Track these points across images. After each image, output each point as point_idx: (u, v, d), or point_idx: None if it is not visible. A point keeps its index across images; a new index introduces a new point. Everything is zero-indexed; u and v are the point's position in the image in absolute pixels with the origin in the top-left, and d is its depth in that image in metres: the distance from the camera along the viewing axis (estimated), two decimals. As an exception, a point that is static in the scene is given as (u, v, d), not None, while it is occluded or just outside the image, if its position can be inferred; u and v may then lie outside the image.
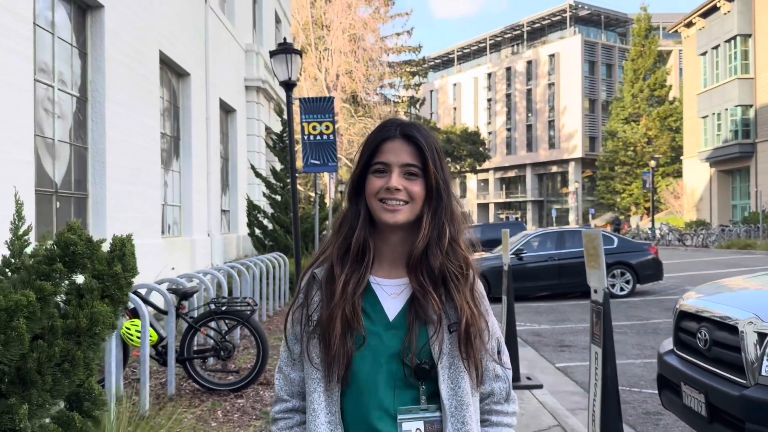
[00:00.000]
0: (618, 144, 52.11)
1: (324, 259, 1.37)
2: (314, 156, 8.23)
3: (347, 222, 1.35)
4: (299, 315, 1.34)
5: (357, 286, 1.30)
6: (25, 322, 1.48)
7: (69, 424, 1.69)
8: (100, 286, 1.81)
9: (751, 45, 34.96)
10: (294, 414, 1.36)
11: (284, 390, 1.37)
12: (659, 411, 5.19)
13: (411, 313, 1.29)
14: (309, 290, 1.35)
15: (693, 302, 3.66)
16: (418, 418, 1.27)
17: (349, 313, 1.27)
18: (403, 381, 1.27)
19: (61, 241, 1.68)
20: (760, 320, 2.94)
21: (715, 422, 3.14)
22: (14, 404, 1.52)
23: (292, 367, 1.36)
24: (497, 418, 1.38)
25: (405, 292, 1.33)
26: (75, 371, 1.73)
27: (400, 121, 1.35)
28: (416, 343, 1.27)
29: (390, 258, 1.35)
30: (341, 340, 1.25)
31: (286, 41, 8.24)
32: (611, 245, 12.64)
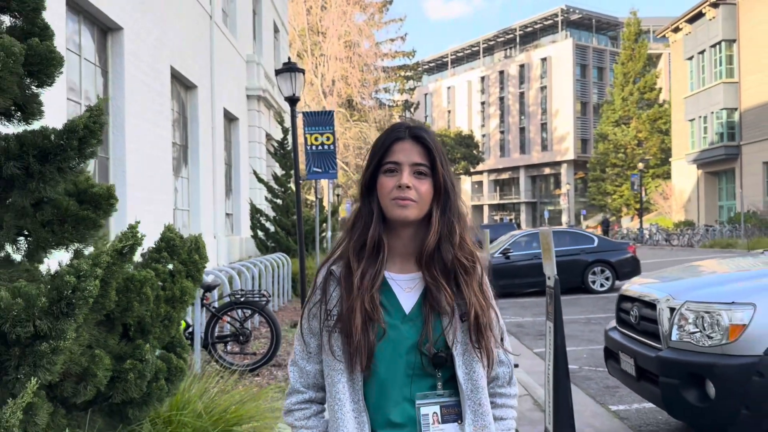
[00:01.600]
0: (609, 146, 53.09)
1: (339, 257, 1.44)
2: (316, 164, 9.07)
3: (361, 220, 1.42)
4: (317, 311, 1.40)
5: (374, 280, 1.37)
6: (149, 289, 2.30)
7: (169, 361, 2.50)
8: (185, 269, 2.64)
9: (735, 50, 35.98)
10: (311, 404, 1.44)
11: (300, 382, 1.44)
12: (618, 385, 6.02)
13: (426, 305, 1.37)
14: (326, 286, 1.41)
15: (629, 287, 4.52)
16: (435, 403, 1.36)
17: (369, 305, 1.33)
18: (421, 370, 1.36)
19: (165, 237, 2.50)
20: (673, 298, 3.79)
21: (642, 380, 3.99)
22: (140, 343, 2.34)
23: (307, 360, 1.43)
24: (501, 400, 1.47)
25: (418, 285, 1.40)
26: (171, 326, 2.56)
27: (408, 124, 1.44)
28: (432, 333, 1.34)
29: (402, 254, 1.42)
30: (363, 331, 1.32)
31: (290, 60, 9.06)
32: (592, 244, 13.51)
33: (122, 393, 2.30)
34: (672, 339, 3.69)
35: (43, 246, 2.02)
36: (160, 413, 2.90)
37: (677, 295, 3.80)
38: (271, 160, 18.64)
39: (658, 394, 3.73)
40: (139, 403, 2.40)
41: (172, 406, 3.01)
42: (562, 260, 13.20)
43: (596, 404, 5.58)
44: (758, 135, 33.82)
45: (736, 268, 4.76)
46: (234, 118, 16.72)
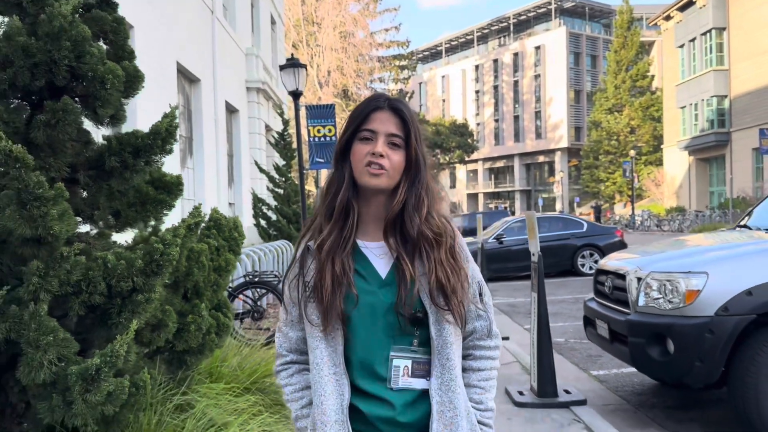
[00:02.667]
0: (602, 134, 53.68)
1: (314, 229, 1.47)
2: (319, 155, 9.59)
3: (333, 185, 1.46)
4: (296, 283, 1.46)
5: (344, 243, 1.41)
6: (205, 259, 2.84)
7: (218, 319, 3.05)
8: (227, 244, 3.18)
9: (725, 38, 36.47)
10: (292, 365, 1.53)
11: (283, 347, 1.53)
12: (599, 354, 6.62)
13: (399, 270, 1.42)
14: (303, 261, 1.45)
15: (606, 262, 5.10)
16: (408, 357, 1.42)
17: (339, 269, 1.39)
18: (400, 330, 1.41)
19: (213, 218, 3.04)
20: (640, 270, 4.36)
21: (614, 342, 4.57)
22: (197, 303, 2.89)
23: (290, 327, 1.51)
24: (479, 352, 1.51)
25: (390, 251, 1.44)
26: (219, 291, 3.11)
27: (388, 96, 1.47)
28: (407, 295, 1.39)
29: (372, 222, 1.47)
30: (332, 294, 1.37)
31: (293, 57, 9.58)
32: (581, 229, 14.10)
33: (184, 342, 2.85)
34: (639, 305, 4.26)
35: (129, 222, 2.55)
36: (202, 366, 3.47)
37: (644, 267, 4.37)
38: (271, 150, 19.13)
39: (627, 352, 4.30)
40: (196, 352, 2.95)
41: (213, 360, 3.57)
42: (553, 244, 13.81)
43: (579, 370, 6.17)
44: (748, 122, 34.40)
45: (720, 240, 5.23)
46: (235, 110, 17.19)
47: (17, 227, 1.99)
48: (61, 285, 2.14)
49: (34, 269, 2.08)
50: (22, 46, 1.93)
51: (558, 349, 7.17)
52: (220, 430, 2.96)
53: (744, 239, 4.80)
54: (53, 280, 2.10)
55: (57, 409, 2.19)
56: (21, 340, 2.11)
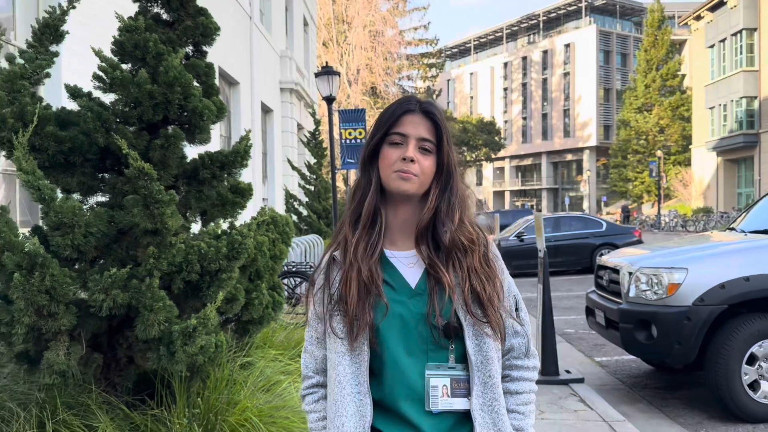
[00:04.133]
0: (630, 133, 53.56)
1: (341, 240, 1.41)
2: (350, 156, 10.35)
3: (360, 190, 1.40)
4: (321, 295, 1.39)
5: (371, 250, 1.35)
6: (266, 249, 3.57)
7: (273, 297, 3.80)
8: (280, 237, 3.92)
9: (756, 39, 36.29)
10: (318, 388, 1.44)
11: (309, 368, 1.45)
12: (605, 344, 7.24)
13: (430, 279, 1.34)
14: (329, 272, 1.39)
15: (605, 258, 5.74)
16: (445, 375, 1.32)
17: (366, 277, 1.31)
18: (434, 343, 1.32)
19: (271, 215, 3.78)
20: (631, 265, 5.00)
21: (609, 328, 5.22)
22: (259, 283, 3.63)
23: (316, 346, 1.42)
24: (518, 373, 1.41)
25: (420, 261, 1.37)
26: (274, 275, 3.85)
27: (419, 98, 1.41)
28: (440, 305, 1.31)
29: (401, 231, 1.40)
30: (359, 304, 1.30)
31: (327, 64, 10.32)
32: (600, 229, 14.63)
33: (248, 314, 3.60)
34: (630, 296, 4.91)
35: (212, 219, 3.29)
36: (259, 336, 4.22)
37: (635, 263, 5.01)
38: (302, 148, 19.96)
39: (618, 336, 4.96)
40: (257, 322, 3.71)
41: (266, 332, 4.32)
42: (572, 243, 14.39)
43: (584, 356, 6.82)
44: (777, 123, 34.32)
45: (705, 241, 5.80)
46: (269, 110, 18.04)
47: (141, 222, 2.74)
48: (169, 265, 2.89)
49: (150, 253, 2.84)
50: (149, 92, 2.67)
51: (568, 338, 7.83)
52: (274, 386, 3.71)
53: (724, 240, 5.41)
54: (163, 262, 2.86)
55: (163, 357, 2.94)
56: (139, 305, 2.87)
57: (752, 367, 4.56)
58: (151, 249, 2.84)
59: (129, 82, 2.66)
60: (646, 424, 4.60)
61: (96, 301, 2.80)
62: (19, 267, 2.63)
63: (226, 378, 3.44)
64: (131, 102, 2.72)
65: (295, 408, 3.43)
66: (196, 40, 3.06)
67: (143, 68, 2.72)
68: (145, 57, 2.76)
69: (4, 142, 2.74)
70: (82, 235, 2.70)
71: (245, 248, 3.00)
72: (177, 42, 2.96)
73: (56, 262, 2.69)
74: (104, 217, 2.80)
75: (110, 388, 3.47)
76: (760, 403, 4.55)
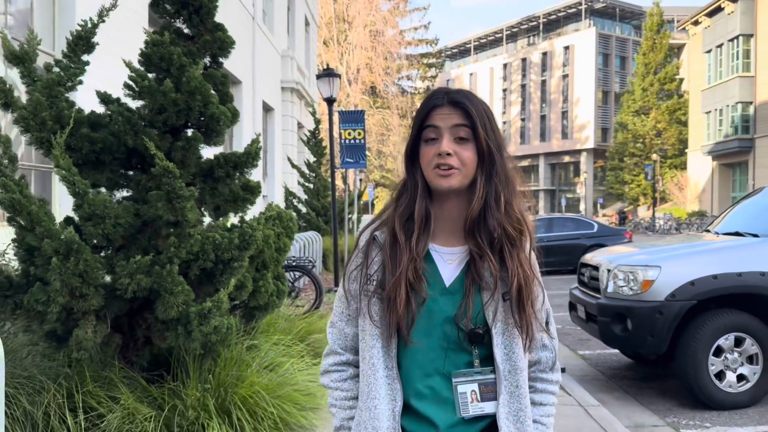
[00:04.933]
0: (628, 136, 53.94)
1: (383, 222, 1.40)
2: (349, 155, 10.69)
3: (407, 192, 1.38)
4: (358, 274, 1.38)
5: (420, 253, 1.33)
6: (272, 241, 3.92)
7: (277, 286, 4.15)
8: (284, 231, 4.27)
9: (752, 45, 36.67)
10: (347, 367, 1.43)
11: (338, 344, 1.44)
12: (589, 338, 7.61)
13: (468, 278, 1.32)
14: (369, 250, 1.38)
15: (588, 256, 6.11)
16: (473, 381, 1.32)
17: (413, 277, 1.30)
18: (457, 344, 1.32)
19: (277, 211, 4.13)
20: (610, 263, 5.36)
21: (589, 321, 5.58)
22: (265, 273, 3.98)
23: (346, 323, 1.42)
24: (542, 385, 1.42)
25: (460, 258, 1.36)
26: (278, 266, 4.20)
27: (447, 89, 1.37)
28: (472, 307, 1.30)
29: (446, 225, 1.38)
30: (407, 303, 1.29)
31: (329, 66, 10.66)
32: (592, 230, 15.02)
33: (255, 301, 3.96)
34: (608, 291, 5.28)
35: (225, 213, 3.65)
36: (263, 322, 4.58)
37: (613, 261, 5.38)
38: (302, 146, 20.31)
39: (597, 329, 5.32)
40: (263, 309, 4.06)
41: (269, 318, 4.68)
42: (564, 243, 14.75)
43: (569, 350, 7.19)
44: (772, 129, 34.72)
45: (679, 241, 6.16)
46: (270, 108, 18.37)
47: (164, 215, 3.09)
48: (187, 254, 3.24)
49: (171, 243, 3.19)
50: (173, 99, 3.02)
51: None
52: (276, 367, 4.07)
53: (698, 241, 5.77)
54: (183, 251, 3.21)
55: (181, 336, 3.30)
56: (160, 289, 3.22)
57: (719, 358, 4.93)
58: (172, 239, 3.19)
59: (156, 90, 3.01)
60: (619, 410, 4.96)
61: (122, 284, 3.16)
62: (57, 252, 2.98)
63: (234, 358, 3.80)
64: (157, 108, 3.07)
65: (297, 386, 3.79)
66: (214, 52, 3.42)
67: (168, 78, 3.07)
68: (170, 68, 3.11)
69: (43, 141, 3.09)
70: (112, 226, 3.05)
71: (255, 240, 3.35)
72: (197, 54, 3.31)
73: (89, 249, 3.04)
74: (131, 210, 3.16)
75: (128, 366, 3.83)
76: (725, 391, 4.92)
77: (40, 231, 2.95)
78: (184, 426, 3.29)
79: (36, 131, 3.04)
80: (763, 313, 4.98)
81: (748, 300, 5.00)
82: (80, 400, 3.25)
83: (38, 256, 3.13)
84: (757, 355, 4.96)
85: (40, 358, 3.81)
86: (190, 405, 3.34)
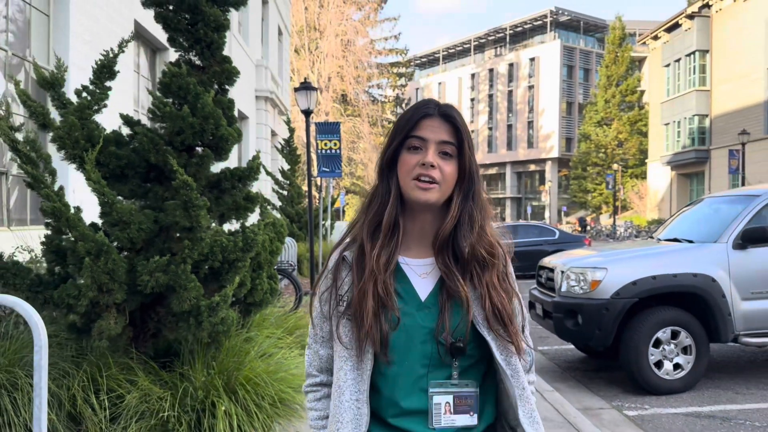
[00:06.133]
0: (590, 146, 55.61)
1: (352, 241, 1.39)
2: (325, 165, 11.23)
3: (378, 198, 1.35)
4: (328, 295, 1.36)
5: (388, 263, 1.31)
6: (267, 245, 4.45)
7: (271, 285, 4.68)
8: (276, 236, 4.81)
9: (708, 60, 38.33)
10: (321, 387, 1.44)
11: (313, 366, 1.44)
12: (548, 336, 8.28)
13: (443, 293, 1.30)
14: (338, 272, 1.36)
15: (545, 259, 6.77)
16: (449, 393, 1.30)
17: (382, 291, 1.27)
18: (438, 359, 1.30)
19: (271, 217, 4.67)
20: (564, 265, 6.02)
21: (545, 318, 6.23)
22: (260, 273, 4.51)
23: (321, 344, 1.41)
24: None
25: (434, 272, 1.34)
26: (271, 267, 4.74)
27: (437, 102, 1.35)
28: (450, 321, 1.28)
29: (418, 238, 1.36)
30: (374, 317, 1.26)
31: (306, 80, 11.21)
32: (554, 237, 15.80)
33: (252, 297, 4.48)
34: (562, 291, 5.93)
35: (228, 220, 4.17)
36: (256, 317, 5.09)
37: (566, 264, 6.04)
38: (276, 153, 20.76)
39: (552, 324, 5.96)
40: (258, 305, 4.59)
41: (261, 314, 5.20)
42: (528, 249, 15.47)
43: (529, 346, 7.83)
44: (726, 141, 36.23)
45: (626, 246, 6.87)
46: (245, 117, 18.80)
47: (181, 221, 3.61)
48: (198, 255, 3.76)
49: (186, 245, 3.70)
50: (190, 123, 3.54)
51: (517, 332, 8.84)
52: (270, 356, 4.60)
53: (642, 246, 6.48)
54: (195, 252, 3.73)
55: (192, 326, 3.81)
56: (175, 285, 3.73)
57: (657, 349, 5.61)
58: (186, 242, 3.71)
59: (176, 115, 3.54)
60: (572, 396, 5.60)
61: (143, 281, 3.66)
62: (89, 253, 3.47)
63: (234, 347, 4.32)
64: (176, 130, 3.59)
65: (289, 371, 4.33)
66: (222, 81, 3.95)
67: (185, 104, 3.60)
68: (187, 96, 3.64)
69: (76, 158, 3.58)
70: (136, 230, 3.56)
71: (256, 243, 3.89)
72: (207, 83, 3.84)
73: (116, 250, 3.54)
74: (151, 217, 3.67)
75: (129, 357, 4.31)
76: (663, 378, 5.61)
77: (75, 234, 3.44)
78: (195, 405, 3.80)
79: (70, 149, 3.53)
80: (695, 309, 5.69)
81: (683, 298, 5.70)
82: (104, 383, 3.73)
83: (70, 257, 3.62)
84: (690, 347, 5.65)
85: (58, 349, 4.28)
86: (199, 386, 3.85)
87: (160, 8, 3.77)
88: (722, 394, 5.67)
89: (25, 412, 3.66)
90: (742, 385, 5.97)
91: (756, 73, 33.67)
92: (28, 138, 3.32)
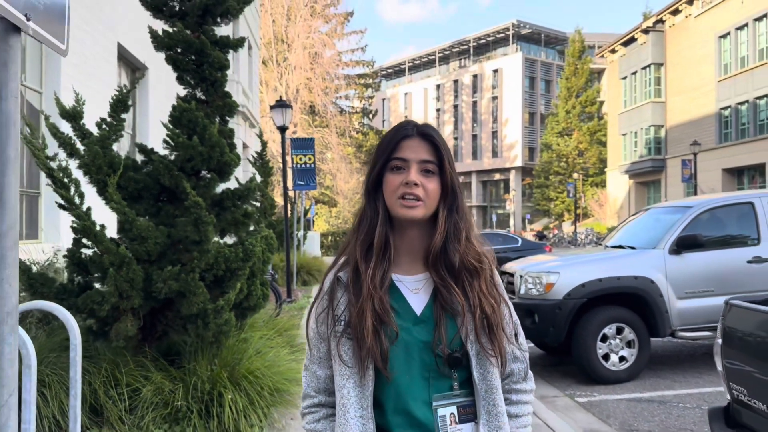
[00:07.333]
0: (552, 155, 57.21)
1: (345, 262, 1.43)
2: (300, 179, 11.83)
3: (366, 220, 1.40)
4: (325, 316, 1.40)
5: (383, 281, 1.36)
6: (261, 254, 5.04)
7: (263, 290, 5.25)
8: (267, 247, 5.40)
9: (663, 73, 40.00)
10: (320, 408, 1.45)
11: (311, 387, 1.46)
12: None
13: (437, 306, 1.35)
14: (333, 293, 1.41)
15: (507, 265, 7.49)
16: (452, 404, 1.35)
17: (379, 307, 1.32)
18: (437, 371, 1.34)
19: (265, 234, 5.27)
20: (521, 270, 6.73)
21: (507, 318, 6.92)
22: (254, 280, 5.08)
23: (318, 365, 1.44)
24: (517, 396, 1.45)
25: (426, 286, 1.39)
26: (263, 274, 5.32)
27: (415, 122, 1.42)
28: (446, 334, 1.33)
29: (408, 254, 1.41)
30: (374, 334, 1.31)
31: (282, 99, 11.80)
32: (516, 244, 16.64)
33: (247, 302, 5.06)
34: (520, 293, 6.63)
35: (227, 234, 4.74)
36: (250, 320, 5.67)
37: (524, 269, 6.75)
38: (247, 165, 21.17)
39: (513, 323, 6.65)
40: (252, 309, 5.17)
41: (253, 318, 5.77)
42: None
43: (493, 346, 8.54)
44: (681, 150, 37.82)
45: (576, 252, 7.65)
46: (218, 130, 19.26)
47: (191, 235, 4.18)
48: (205, 264, 4.34)
49: (194, 256, 4.28)
50: (200, 152, 4.12)
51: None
52: (265, 354, 5.18)
53: (592, 252, 7.24)
54: (202, 262, 4.30)
55: (199, 327, 4.38)
56: (186, 291, 4.30)
57: (604, 344, 6.35)
58: (195, 253, 4.29)
59: (188, 145, 4.12)
60: (530, 386, 6.30)
61: (158, 288, 4.22)
62: (113, 264, 4.03)
63: (233, 346, 4.89)
64: (187, 157, 4.18)
65: (282, 366, 4.92)
66: (223, 113, 4.54)
67: (194, 135, 4.18)
68: (195, 128, 4.22)
69: (99, 182, 4.14)
70: (153, 244, 4.12)
71: (254, 253, 4.49)
72: (211, 115, 4.44)
73: (135, 261, 4.10)
74: (164, 232, 4.24)
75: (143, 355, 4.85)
76: (610, 369, 6.34)
77: (101, 248, 3.99)
78: (203, 396, 4.37)
79: (94, 174, 4.09)
80: (637, 307, 6.45)
81: (626, 297, 6.45)
82: (123, 379, 4.27)
83: (93, 267, 4.16)
84: (633, 341, 6.40)
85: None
86: (206, 380, 4.42)
87: (170, 51, 4.35)
88: (661, 382, 6.43)
89: (53, 406, 4.17)
90: (679, 374, 6.75)
91: (707, 85, 35.35)
92: (61, 166, 3.86)
